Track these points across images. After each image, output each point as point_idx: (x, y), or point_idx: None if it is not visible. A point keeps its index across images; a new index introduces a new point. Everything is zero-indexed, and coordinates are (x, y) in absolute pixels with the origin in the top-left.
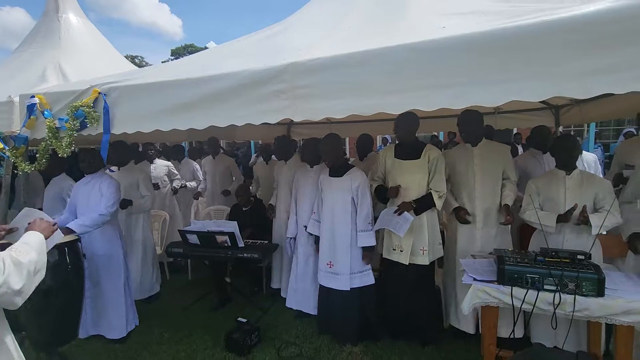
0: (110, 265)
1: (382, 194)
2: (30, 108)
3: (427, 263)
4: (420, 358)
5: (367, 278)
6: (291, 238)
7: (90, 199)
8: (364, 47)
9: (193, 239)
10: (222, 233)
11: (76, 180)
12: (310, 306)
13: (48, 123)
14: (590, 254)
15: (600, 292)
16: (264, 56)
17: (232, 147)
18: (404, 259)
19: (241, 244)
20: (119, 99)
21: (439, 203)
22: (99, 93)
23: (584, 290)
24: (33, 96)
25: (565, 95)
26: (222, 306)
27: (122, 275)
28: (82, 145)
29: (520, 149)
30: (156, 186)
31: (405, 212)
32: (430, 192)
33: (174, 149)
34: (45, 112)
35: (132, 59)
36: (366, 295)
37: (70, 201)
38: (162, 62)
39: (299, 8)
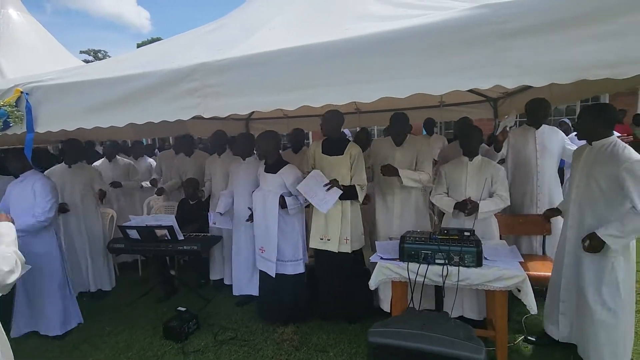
0: (46, 264)
1: None
2: None
3: (349, 251)
4: (346, 333)
5: (298, 267)
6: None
7: (24, 199)
8: (267, 48)
9: (133, 234)
10: (160, 227)
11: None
12: (251, 289)
13: None
14: (474, 230)
15: (478, 262)
16: (193, 53)
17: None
18: (333, 247)
19: (180, 237)
20: (43, 98)
21: (361, 195)
22: (21, 92)
23: (466, 262)
24: None
25: (425, 92)
26: (167, 298)
27: (60, 274)
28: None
29: None
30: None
31: (335, 187)
32: (354, 185)
33: (132, 146)
34: None
35: (94, 53)
36: (297, 281)
37: (3, 200)
38: None
39: None
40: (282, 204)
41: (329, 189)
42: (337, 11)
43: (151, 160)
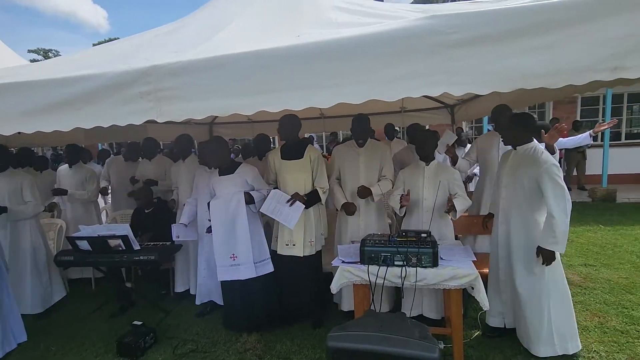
0: None
1: None
2: None
3: (314, 253)
4: (309, 339)
5: (267, 267)
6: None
7: None
8: (223, 51)
9: (84, 245)
10: (114, 237)
11: None
12: (216, 296)
13: None
14: (430, 232)
15: (435, 263)
16: (147, 55)
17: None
18: (298, 252)
19: (136, 247)
20: None
21: (323, 197)
22: None
23: (423, 262)
24: None
25: (378, 98)
26: (122, 313)
27: None
28: None
29: None
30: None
31: (297, 201)
32: (316, 189)
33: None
34: None
35: (44, 52)
36: (266, 282)
37: None
38: None
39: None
40: (248, 200)
41: (292, 204)
42: (296, 16)
43: (100, 167)
